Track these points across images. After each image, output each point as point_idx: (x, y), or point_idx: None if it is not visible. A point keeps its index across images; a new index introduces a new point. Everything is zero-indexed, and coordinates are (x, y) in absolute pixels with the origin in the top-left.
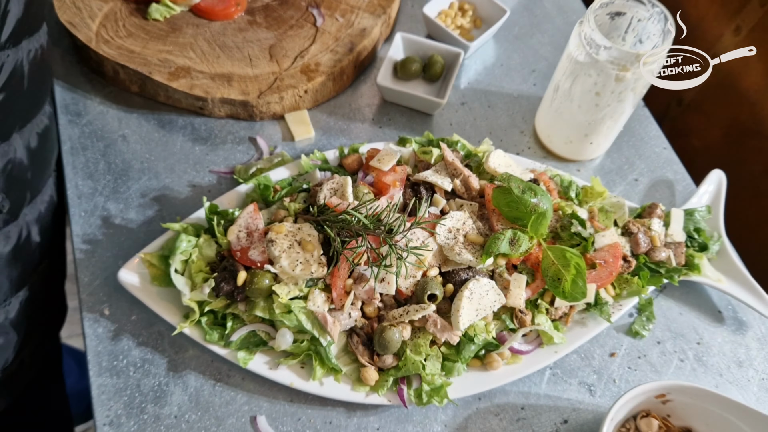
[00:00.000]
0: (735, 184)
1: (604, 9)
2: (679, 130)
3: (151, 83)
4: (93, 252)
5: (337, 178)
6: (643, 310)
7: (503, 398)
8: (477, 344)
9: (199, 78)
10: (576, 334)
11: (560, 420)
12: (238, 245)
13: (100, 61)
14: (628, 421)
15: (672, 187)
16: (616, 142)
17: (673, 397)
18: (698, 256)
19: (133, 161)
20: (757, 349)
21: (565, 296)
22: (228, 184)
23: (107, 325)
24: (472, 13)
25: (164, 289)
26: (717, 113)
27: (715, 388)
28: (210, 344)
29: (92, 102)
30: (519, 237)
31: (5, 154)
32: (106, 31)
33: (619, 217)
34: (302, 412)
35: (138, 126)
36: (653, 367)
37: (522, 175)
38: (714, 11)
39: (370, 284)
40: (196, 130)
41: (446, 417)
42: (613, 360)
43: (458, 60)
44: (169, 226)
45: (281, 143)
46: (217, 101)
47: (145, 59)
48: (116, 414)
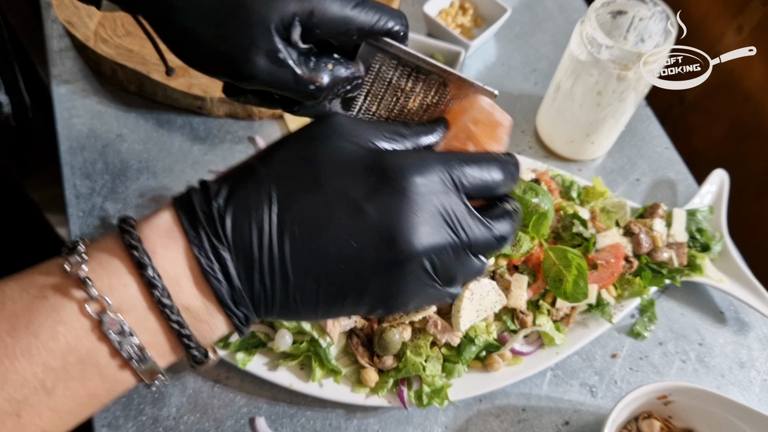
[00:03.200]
0: (737, 184)
1: (606, 8)
2: (681, 130)
3: (150, 82)
4: None
5: None
6: (644, 311)
7: (504, 400)
8: (478, 345)
9: (197, 77)
10: (577, 335)
11: (561, 421)
12: None
13: (99, 61)
14: (630, 423)
15: (674, 187)
16: (618, 141)
17: (675, 399)
18: (700, 256)
19: (132, 161)
20: (759, 350)
21: (567, 297)
22: None
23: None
24: (473, 12)
25: None
26: (719, 113)
27: (717, 389)
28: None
29: (90, 101)
30: (520, 237)
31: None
32: (104, 30)
33: (620, 218)
34: (302, 414)
35: (136, 125)
36: (655, 368)
37: (523, 174)
38: (715, 11)
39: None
40: (195, 130)
41: (447, 419)
42: (614, 361)
43: (459, 59)
44: None
45: None
46: (215, 100)
47: (144, 58)
48: (114, 416)
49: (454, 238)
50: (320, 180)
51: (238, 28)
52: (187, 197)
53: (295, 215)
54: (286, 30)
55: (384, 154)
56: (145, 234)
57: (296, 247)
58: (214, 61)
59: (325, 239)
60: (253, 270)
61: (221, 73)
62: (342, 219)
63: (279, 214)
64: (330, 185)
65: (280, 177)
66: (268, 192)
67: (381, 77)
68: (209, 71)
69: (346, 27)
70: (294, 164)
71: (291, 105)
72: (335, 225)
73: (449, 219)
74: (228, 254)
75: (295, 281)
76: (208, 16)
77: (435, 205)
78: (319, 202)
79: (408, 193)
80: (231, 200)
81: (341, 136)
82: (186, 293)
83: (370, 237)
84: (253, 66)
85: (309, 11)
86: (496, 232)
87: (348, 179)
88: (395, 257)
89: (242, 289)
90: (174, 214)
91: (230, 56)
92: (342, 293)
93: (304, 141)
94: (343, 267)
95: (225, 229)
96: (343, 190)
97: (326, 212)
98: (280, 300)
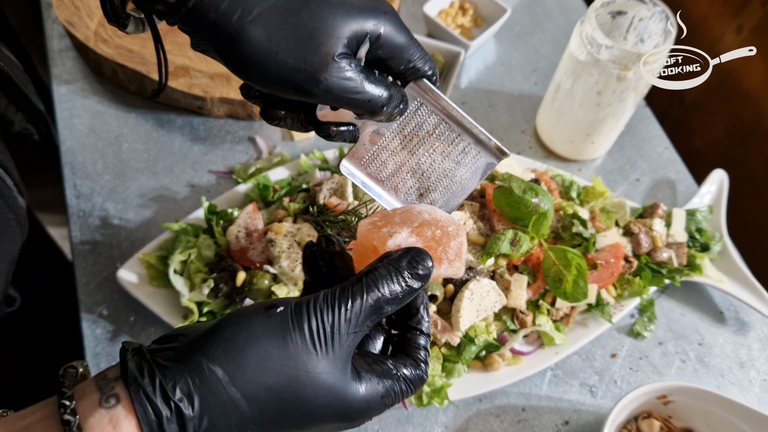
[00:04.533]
0: (737, 183)
1: (606, 8)
2: (680, 130)
3: (150, 82)
4: (91, 252)
5: (337, 178)
6: (644, 311)
7: (504, 399)
8: (478, 345)
9: (197, 77)
10: (577, 335)
11: (561, 421)
12: (237, 245)
13: (99, 61)
14: (630, 422)
15: (674, 187)
16: (618, 141)
17: (675, 398)
18: (700, 256)
19: (132, 161)
20: (759, 350)
21: (567, 297)
22: (227, 184)
23: (105, 326)
24: (473, 12)
25: (163, 290)
26: (719, 113)
27: (717, 389)
28: None
29: (90, 101)
30: (520, 237)
31: None
32: (104, 30)
33: (620, 218)
34: None
35: (136, 126)
36: (655, 368)
37: (523, 174)
38: (715, 11)
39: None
40: (195, 130)
41: (447, 418)
42: (614, 361)
43: (459, 59)
44: (168, 226)
45: (280, 143)
46: (216, 100)
47: (144, 58)
48: None
49: None
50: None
51: (313, 49)
52: (151, 409)
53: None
54: (357, 45)
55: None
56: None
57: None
58: (287, 81)
59: None
60: None
61: (292, 91)
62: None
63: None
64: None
65: (263, 423)
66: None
67: (415, 117)
68: (280, 91)
69: (402, 54)
70: (273, 406)
71: (325, 130)
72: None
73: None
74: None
75: None
76: (283, 42)
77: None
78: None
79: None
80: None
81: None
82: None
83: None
84: (325, 81)
85: (378, 33)
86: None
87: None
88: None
89: None
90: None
91: (304, 74)
92: None
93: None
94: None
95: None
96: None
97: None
98: None
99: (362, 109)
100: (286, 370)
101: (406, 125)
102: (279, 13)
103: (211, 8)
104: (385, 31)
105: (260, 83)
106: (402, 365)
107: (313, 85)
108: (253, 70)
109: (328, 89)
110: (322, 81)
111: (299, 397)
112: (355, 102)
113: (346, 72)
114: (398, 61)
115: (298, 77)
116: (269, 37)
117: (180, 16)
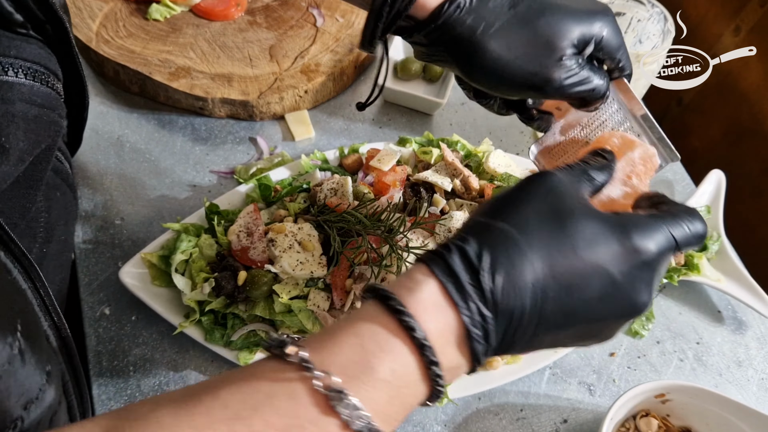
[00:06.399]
0: (734, 183)
1: None
2: (678, 130)
3: (152, 83)
4: (93, 252)
5: (337, 178)
6: None
7: (503, 398)
8: None
9: (199, 78)
10: None
11: (560, 420)
12: (239, 245)
13: (101, 62)
14: (628, 421)
15: (671, 187)
16: None
17: (673, 397)
18: (698, 255)
19: (134, 161)
20: (756, 349)
21: None
22: (228, 185)
23: (107, 326)
24: None
25: (165, 289)
26: (717, 113)
27: (715, 387)
28: (211, 344)
29: (92, 102)
30: None
31: None
32: (106, 31)
33: None
34: None
35: (138, 126)
36: (653, 367)
37: (522, 175)
38: (714, 11)
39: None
40: (197, 131)
41: (446, 417)
42: (612, 360)
43: None
44: (170, 225)
45: (281, 143)
46: (217, 101)
47: (146, 59)
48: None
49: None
50: (577, 251)
51: (548, 54)
52: (447, 266)
53: (555, 283)
54: (584, 46)
55: (627, 226)
56: (412, 308)
57: (552, 309)
58: (523, 84)
59: (577, 302)
60: (511, 329)
61: (527, 92)
62: (596, 286)
63: (542, 283)
64: (586, 256)
65: (539, 248)
66: (532, 263)
67: (605, 113)
68: (513, 93)
69: (616, 53)
70: (546, 230)
71: (529, 114)
72: (589, 291)
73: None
74: (492, 320)
75: (542, 336)
76: (521, 50)
77: (665, 267)
78: (576, 271)
79: (655, 265)
80: (497, 272)
81: (568, 195)
82: (448, 357)
83: (618, 304)
84: (558, 81)
85: (602, 36)
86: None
87: (602, 252)
88: (632, 317)
89: (496, 346)
90: (440, 287)
91: (539, 76)
92: (577, 341)
93: (542, 201)
94: (587, 324)
95: (495, 299)
96: (598, 263)
97: (583, 281)
98: (520, 346)
99: (585, 98)
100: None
101: (594, 120)
102: (517, 24)
103: (457, 23)
104: (607, 33)
105: (496, 88)
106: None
107: (547, 84)
108: (492, 77)
109: (560, 87)
110: (555, 80)
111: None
112: (580, 93)
113: (575, 69)
114: (612, 59)
115: (534, 79)
116: (509, 46)
117: (427, 31)
